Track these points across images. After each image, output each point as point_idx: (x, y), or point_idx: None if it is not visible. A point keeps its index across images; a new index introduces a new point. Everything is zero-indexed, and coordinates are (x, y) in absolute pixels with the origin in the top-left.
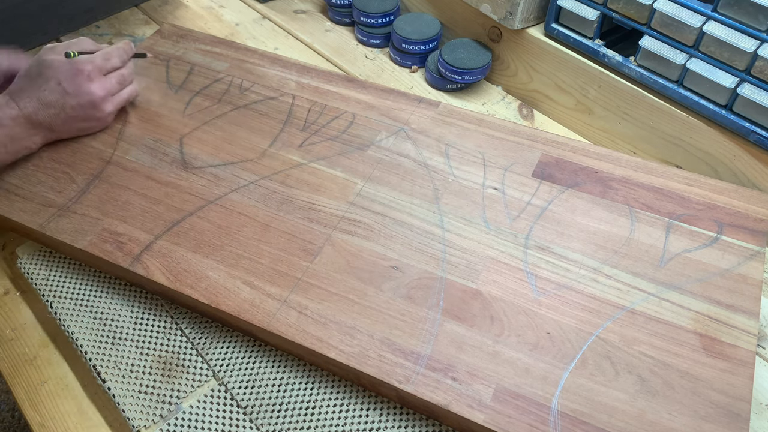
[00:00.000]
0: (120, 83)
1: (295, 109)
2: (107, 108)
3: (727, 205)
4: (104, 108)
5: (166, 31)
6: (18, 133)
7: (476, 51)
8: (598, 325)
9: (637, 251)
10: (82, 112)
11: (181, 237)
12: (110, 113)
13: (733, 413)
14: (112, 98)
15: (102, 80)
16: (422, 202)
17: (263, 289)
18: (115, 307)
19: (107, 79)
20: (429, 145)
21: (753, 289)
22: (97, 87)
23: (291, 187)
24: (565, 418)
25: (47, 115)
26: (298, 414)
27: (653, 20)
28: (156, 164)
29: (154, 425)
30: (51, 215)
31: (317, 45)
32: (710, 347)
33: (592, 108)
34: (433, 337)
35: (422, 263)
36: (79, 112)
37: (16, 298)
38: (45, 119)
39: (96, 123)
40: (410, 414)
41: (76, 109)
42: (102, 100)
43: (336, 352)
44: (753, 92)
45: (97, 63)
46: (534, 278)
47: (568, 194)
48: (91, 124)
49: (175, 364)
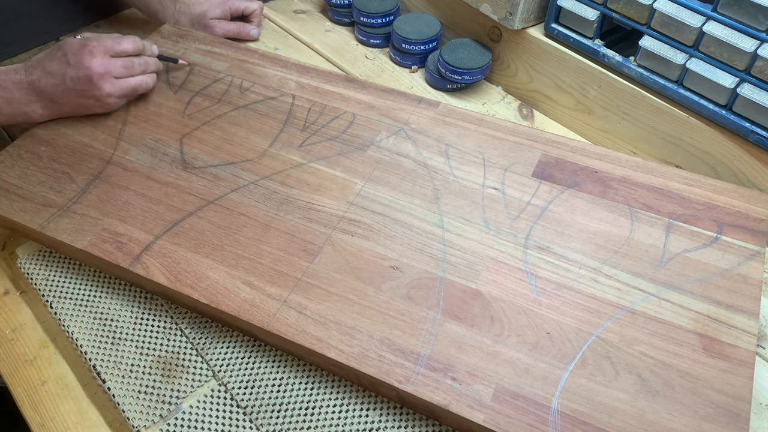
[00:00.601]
0: (126, 68)
1: (295, 109)
2: (105, 87)
3: (727, 205)
4: (101, 86)
5: (166, 31)
6: (17, 97)
7: (476, 51)
8: (598, 325)
9: (637, 251)
10: (80, 85)
11: (181, 237)
12: (109, 94)
13: (733, 413)
14: (113, 80)
15: (105, 59)
16: (422, 202)
17: (263, 289)
18: (115, 307)
19: (111, 61)
20: (429, 145)
21: (753, 289)
22: (96, 63)
23: (291, 187)
24: (565, 418)
25: (49, 83)
26: (298, 414)
27: (653, 20)
28: (156, 164)
29: (154, 425)
30: (51, 215)
31: (317, 45)
32: (710, 347)
33: (592, 108)
34: (433, 337)
35: (422, 263)
36: (77, 84)
37: (16, 298)
38: (46, 87)
39: (94, 102)
40: (410, 414)
41: (74, 82)
42: (99, 78)
43: (336, 352)
44: (753, 92)
45: (104, 42)
46: (534, 278)
47: (568, 194)
48: (89, 102)
49: (175, 364)
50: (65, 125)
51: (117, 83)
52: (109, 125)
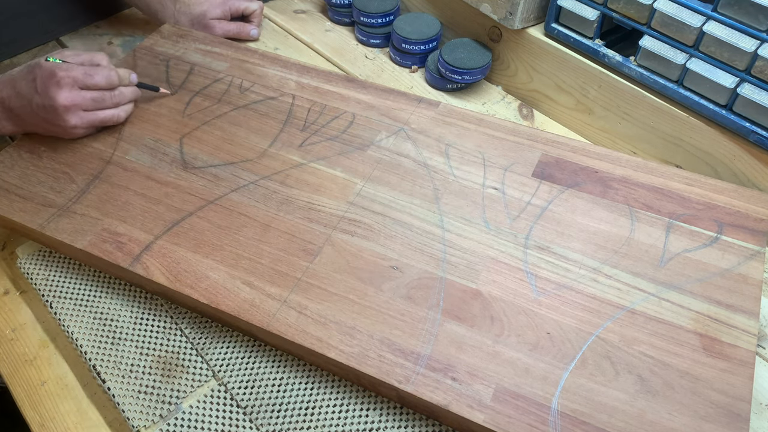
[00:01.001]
0: (96, 102)
1: (295, 109)
2: (70, 119)
3: (727, 205)
4: (66, 118)
5: (166, 31)
6: None
7: (476, 51)
8: (598, 325)
9: (637, 251)
10: (45, 114)
11: (181, 237)
12: (75, 126)
13: (733, 413)
14: (80, 113)
15: (73, 92)
16: (422, 202)
17: (263, 289)
18: (115, 307)
19: (80, 93)
20: (429, 145)
21: (753, 289)
22: (63, 96)
23: (291, 187)
24: (565, 418)
25: (17, 104)
26: (298, 414)
27: (653, 20)
28: (156, 164)
29: (153, 425)
30: (51, 215)
31: (317, 45)
32: (710, 347)
33: (592, 108)
34: (433, 337)
35: (422, 263)
36: (42, 113)
37: (16, 298)
38: (15, 107)
39: (60, 130)
40: (410, 414)
41: (40, 109)
42: (65, 110)
43: (336, 352)
44: (753, 92)
45: (74, 74)
46: (534, 278)
47: (568, 194)
48: (55, 129)
49: (175, 364)
50: None
51: (84, 116)
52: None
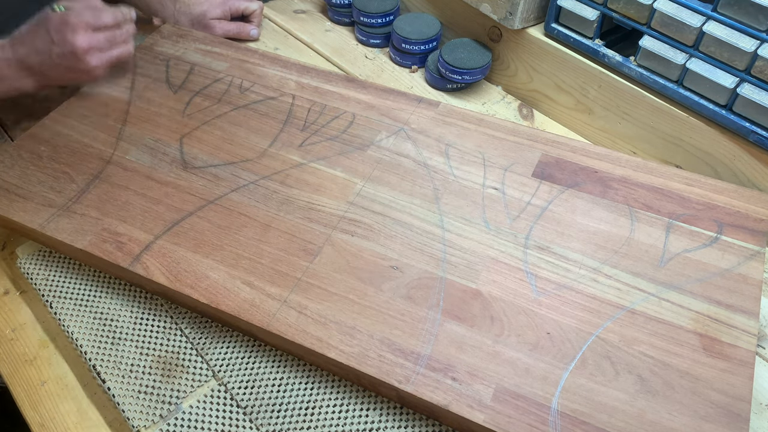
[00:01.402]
0: (109, 41)
1: (295, 109)
2: (91, 61)
3: (727, 205)
4: (88, 60)
5: (166, 31)
6: (8, 75)
7: (476, 51)
8: (598, 325)
9: (637, 251)
10: (67, 61)
11: (181, 237)
12: (96, 66)
13: (733, 413)
14: (98, 54)
15: (88, 34)
16: (422, 202)
17: (263, 289)
18: (115, 307)
19: (94, 35)
20: (429, 145)
21: (753, 289)
22: (80, 39)
23: (291, 187)
24: (565, 418)
25: (37, 60)
26: (298, 414)
27: (653, 20)
28: (156, 164)
29: (154, 425)
30: (51, 215)
31: (317, 45)
32: (710, 347)
33: (592, 108)
34: (433, 337)
35: (422, 263)
36: (63, 61)
37: (16, 298)
38: (35, 64)
39: (83, 75)
40: (410, 414)
41: (61, 58)
42: (85, 53)
43: (336, 352)
44: (753, 92)
45: (84, 18)
46: (534, 278)
47: (568, 194)
48: (78, 75)
49: (175, 364)
50: (65, 125)
51: (102, 56)
52: (109, 125)
